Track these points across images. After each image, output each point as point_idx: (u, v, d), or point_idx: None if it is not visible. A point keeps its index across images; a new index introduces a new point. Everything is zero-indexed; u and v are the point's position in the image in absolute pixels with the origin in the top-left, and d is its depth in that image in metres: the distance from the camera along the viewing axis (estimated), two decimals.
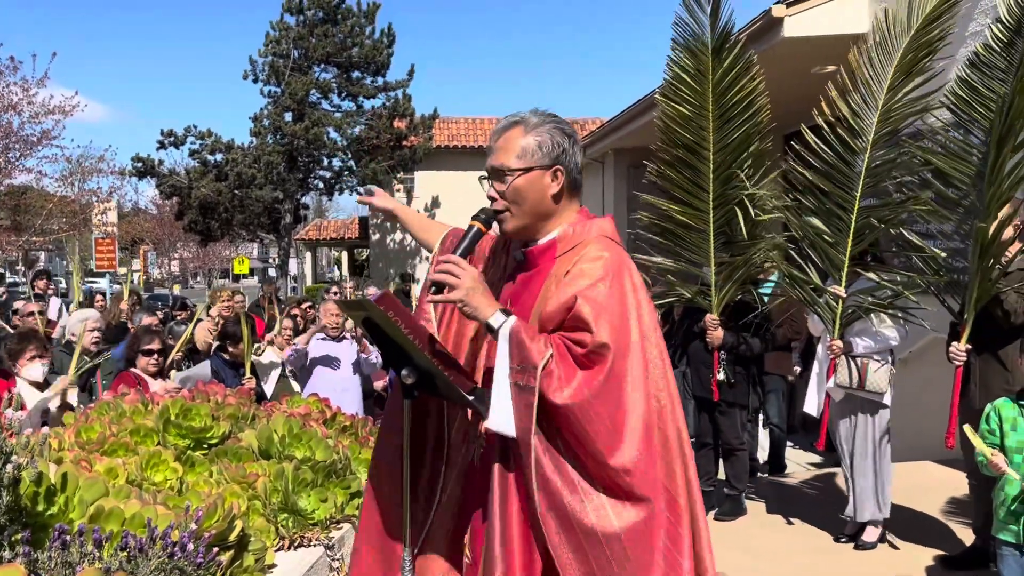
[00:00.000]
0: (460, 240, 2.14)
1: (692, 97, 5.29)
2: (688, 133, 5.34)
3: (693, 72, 5.26)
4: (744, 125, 5.23)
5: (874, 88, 4.88)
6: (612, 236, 2.13)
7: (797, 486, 6.65)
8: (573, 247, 2.09)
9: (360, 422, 3.60)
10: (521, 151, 2.09)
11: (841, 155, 4.99)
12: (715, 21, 5.10)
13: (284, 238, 24.86)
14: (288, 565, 2.52)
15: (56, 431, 2.85)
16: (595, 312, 1.92)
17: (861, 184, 4.91)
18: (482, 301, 1.98)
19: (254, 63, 23.26)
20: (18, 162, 17.85)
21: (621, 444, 1.89)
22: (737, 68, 5.20)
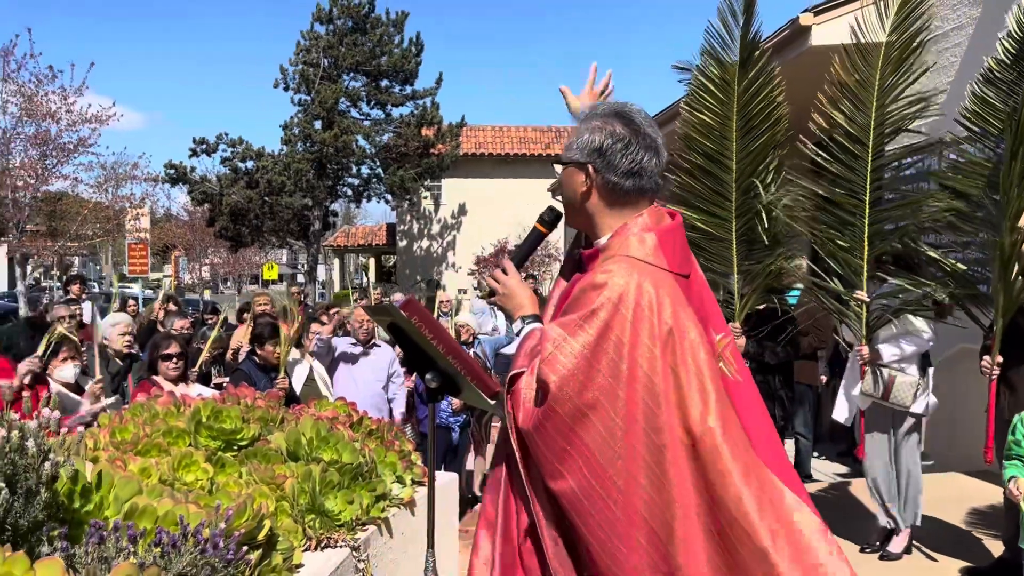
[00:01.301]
0: (522, 242, 2.16)
1: (716, 106, 5.31)
2: (711, 142, 5.36)
3: (719, 81, 5.28)
4: (765, 135, 5.24)
5: (864, 91, 4.90)
6: (646, 257, 1.91)
7: (822, 495, 6.61)
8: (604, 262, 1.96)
9: (385, 426, 3.65)
10: (568, 144, 2.02)
11: (844, 161, 5.00)
12: (746, 31, 5.12)
13: (313, 244, 25.09)
14: (315, 565, 2.56)
15: (91, 431, 2.93)
16: (553, 353, 1.82)
17: (868, 188, 4.92)
18: (514, 304, 2.03)
19: (285, 72, 23.56)
20: (55, 169, 18.17)
21: (562, 479, 1.81)
22: (762, 79, 5.21)
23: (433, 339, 1.97)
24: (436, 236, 28.45)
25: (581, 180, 1.98)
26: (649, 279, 1.86)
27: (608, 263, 1.91)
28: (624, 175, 1.95)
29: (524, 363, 1.90)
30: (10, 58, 17.08)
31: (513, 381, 1.89)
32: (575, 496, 1.79)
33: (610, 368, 1.80)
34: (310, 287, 24.86)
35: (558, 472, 1.80)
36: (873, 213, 4.94)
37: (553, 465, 1.81)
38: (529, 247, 2.14)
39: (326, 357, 6.17)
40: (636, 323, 1.81)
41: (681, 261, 1.99)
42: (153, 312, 8.35)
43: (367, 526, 2.98)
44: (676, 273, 1.94)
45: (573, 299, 1.90)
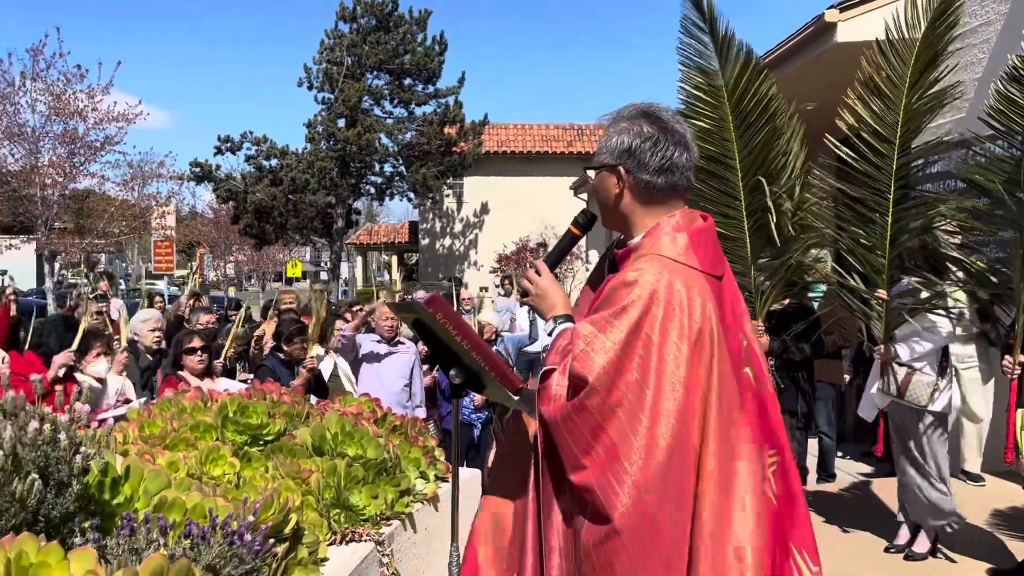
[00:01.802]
0: (556, 244, 2.17)
1: (709, 111, 5.30)
2: (712, 145, 5.35)
3: (706, 87, 5.28)
4: (763, 130, 5.22)
5: (894, 88, 4.86)
6: (677, 256, 1.92)
7: (846, 494, 6.58)
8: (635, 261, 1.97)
9: (409, 422, 3.67)
10: (598, 148, 2.05)
11: (869, 159, 4.97)
12: (715, 34, 5.11)
13: (336, 242, 25.23)
14: (340, 559, 2.59)
15: (120, 425, 2.97)
16: (585, 350, 1.83)
17: (893, 187, 4.88)
18: (547, 305, 2.04)
19: (309, 70, 23.70)
20: (82, 167, 18.40)
21: (584, 471, 1.82)
22: (748, 73, 5.19)
23: (457, 335, 1.98)
24: (458, 234, 28.50)
25: (613, 182, 2.00)
26: (680, 278, 1.86)
27: (639, 262, 1.91)
28: (656, 172, 1.97)
29: (556, 361, 1.90)
30: (39, 57, 17.33)
31: (544, 378, 1.91)
32: (592, 488, 1.80)
33: (639, 366, 1.80)
34: (333, 284, 25.01)
35: (580, 464, 1.82)
36: (896, 211, 4.91)
37: (576, 458, 1.82)
38: (563, 249, 2.16)
39: (350, 353, 6.21)
40: (666, 322, 1.82)
41: (713, 262, 1.98)
42: (180, 308, 8.45)
43: (391, 521, 3.00)
44: (708, 274, 1.94)
45: (604, 297, 1.91)
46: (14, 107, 17.39)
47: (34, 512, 1.79)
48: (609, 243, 2.27)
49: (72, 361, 4.38)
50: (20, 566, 1.43)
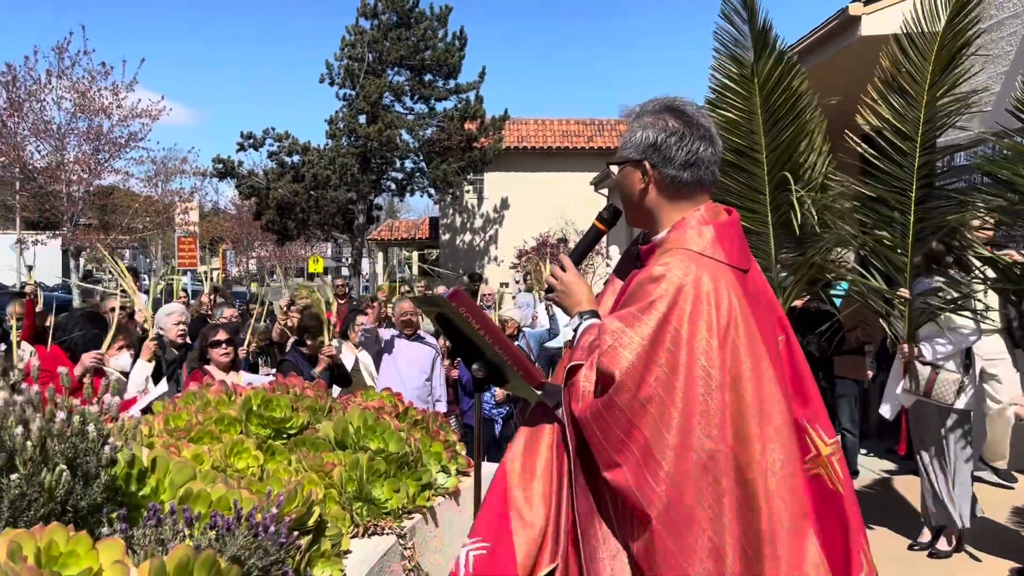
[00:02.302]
0: (580, 240, 2.17)
1: (739, 102, 5.27)
2: (739, 138, 5.32)
3: (738, 78, 5.24)
4: (792, 125, 5.18)
5: (915, 87, 4.80)
6: (704, 250, 1.91)
7: (869, 492, 6.52)
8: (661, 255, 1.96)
9: (431, 416, 3.69)
10: (622, 143, 2.03)
11: (891, 157, 4.92)
12: (754, 26, 5.08)
13: (357, 238, 25.34)
14: (362, 552, 2.60)
15: (147, 418, 3.01)
16: (613, 346, 1.82)
17: (915, 186, 4.83)
18: (572, 301, 2.04)
19: (330, 67, 23.80)
20: (107, 163, 18.58)
21: (618, 468, 1.81)
22: (781, 68, 5.15)
23: (480, 329, 1.98)
24: (478, 230, 28.53)
25: (638, 177, 2.00)
26: (708, 272, 1.85)
27: (666, 256, 1.91)
28: (682, 167, 1.96)
29: (583, 357, 1.90)
30: (64, 55, 17.51)
31: (571, 374, 1.90)
32: (629, 487, 1.79)
33: (668, 360, 1.79)
34: (354, 280, 25.12)
35: (614, 462, 1.81)
36: (919, 210, 4.86)
37: (610, 455, 1.81)
38: (587, 244, 2.15)
39: (372, 347, 6.24)
40: (694, 316, 1.81)
41: (739, 255, 1.97)
42: (202, 306, 8.52)
43: (413, 514, 3.02)
44: (734, 267, 1.93)
45: (631, 293, 1.91)
46: (40, 104, 17.61)
47: (62, 503, 1.81)
48: (631, 239, 2.27)
49: (100, 363, 4.42)
50: (50, 555, 1.45)
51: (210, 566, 1.61)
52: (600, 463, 1.84)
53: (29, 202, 19.21)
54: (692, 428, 1.77)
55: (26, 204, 19.79)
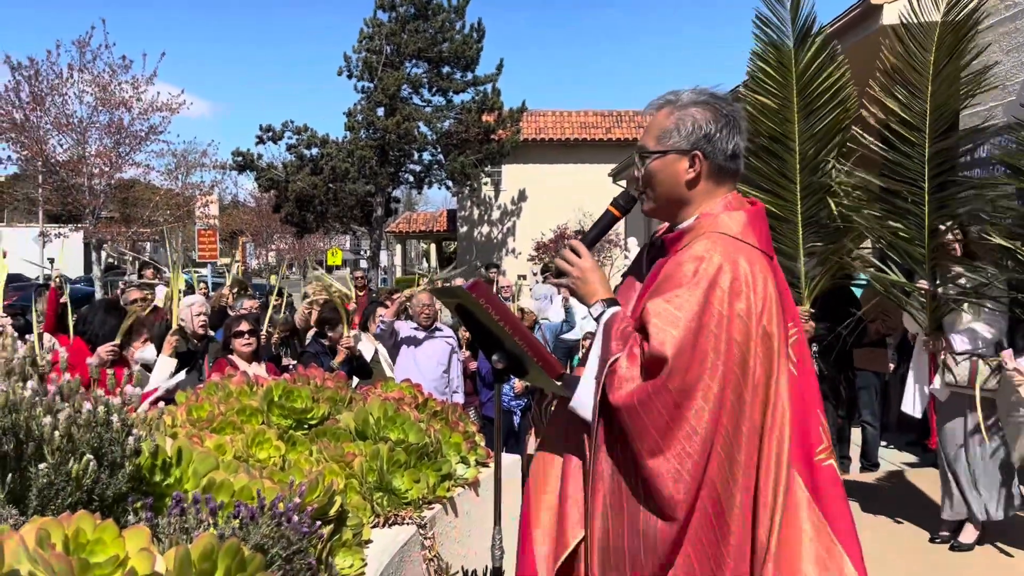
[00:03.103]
0: (593, 224, 2.13)
1: (776, 89, 5.24)
2: (773, 124, 5.29)
3: (776, 64, 5.22)
4: (831, 115, 5.15)
5: (918, 78, 4.76)
6: (738, 234, 1.95)
7: (889, 484, 6.49)
8: (691, 243, 1.98)
9: (450, 408, 3.70)
10: (661, 132, 2.01)
11: (900, 149, 4.87)
12: (796, 13, 5.05)
13: (375, 230, 25.40)
14: (383, 542, 2.62)
15: (169, 409, 3.04)
16: (660, 326, 1.83)
17: (927, 177, 4.78)
18: (589, 289, 2.01)
19: (348, 59, 23.84)
20: (128, 157, 18.72)
21: (661, 455, 1.82)
22: (821, 58, 5.11)
23: (500, 320, 1.99)
24: (496, 222, 28.51)
25: (684, 167, 2.00)
26: (744, 255, 1.89)
27: (702, 239, 1.94)
28: (729, 158, 2.01)
29: (619, 348, 1.88)
30: (86, 49, 17.63)
31: (609, 366, 1.88)
32: (663, 476, 1.81)
33: (712, 343, 1.82)
34: (373, 272, 25.20)
35: (658, 448, 1.81)
36: (934, 201, 4.81)
37: (656, 441, 1.81)
38: (601, 230, 2.13)
39: (389, 340, 6.27)
40: (732, 298, 1.84)
41: (766, 243, 2.02)
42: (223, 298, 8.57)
43: (433, 505, 3.03)
44: (764, 252, 1.97)
45: (667, 276, 1.92)
46: (62, 98, 17.74)
47: (89, 491, 1.84)
48: (649, 231, 2.27)
49: (114, 355, 4.46)
50: (78, 543, 1.47)
51: (234, 554, 1.62)
52: (642, 450, 1.83)
53: (51, 195, 19.41)
54: (727, 412, 1.82)
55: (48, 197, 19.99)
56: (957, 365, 4.80)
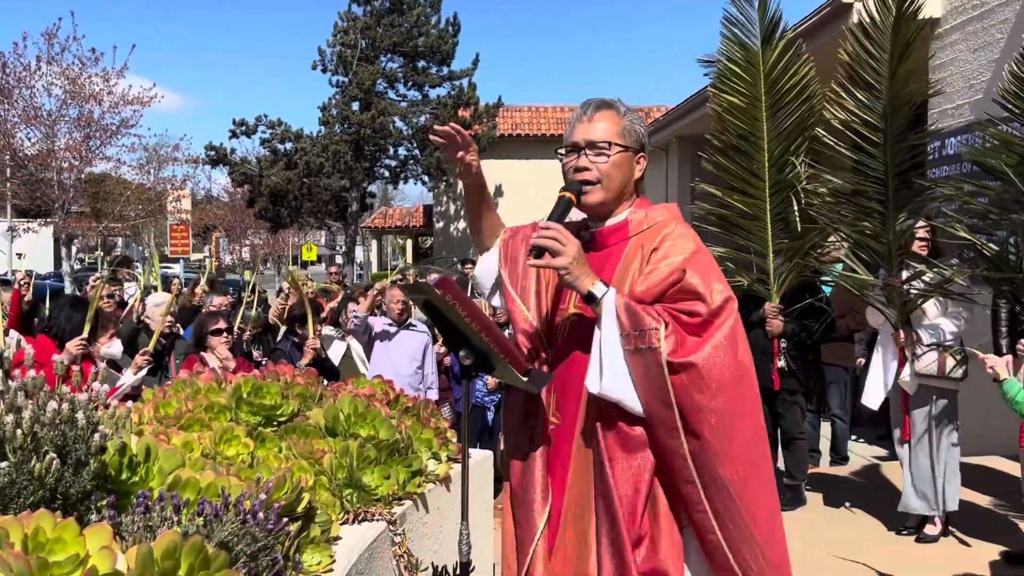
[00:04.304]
0: (552, 210, 2.16)
1: (744, 87, 5.29)
2: (742, 123, 5.34)
3: (743, 63, 5.26)
4: (798, 112, 5.20)
5: (877, 78, 4.82)
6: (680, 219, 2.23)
7: (858, 478, 6.58)
8: (649, 228, 2.17)
9: (422, 404, 3.69)
10: (622, 131, 2.19)
11: (864, 149, 4.94)
12: (763, 12, 5.09)
13: (351, 226, 25.29)
14: (352, 538, 2.62)
15: (136, 406, 3.01)
16: (704, 280, 2.03)
17: (890, 175, 4.84)
18: (584, 270, 2.04)
19: (323, 53, 23.68)
20: (98, 151, 18.49)
21: (741, 387, 2.02)
22: (788, 56, 5.17)
23: (467, 317, 1.99)
24: None
25: (635, 165, 2.24)
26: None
27: (675, 224, 2.17)
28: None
29: (656, 317, 2.01)
30: (54, 41, 17.39)
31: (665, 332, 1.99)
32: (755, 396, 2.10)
33: (736, 322, 2.08)
34: (348, 268, 25.09)
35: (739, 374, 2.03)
36: (898, 199, 4.88)
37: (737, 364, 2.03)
38: (559, 217, 2.14)
39: (363, 335, 6.25)
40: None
41: None
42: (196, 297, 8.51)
43: (403, 501, 3.03)
44: None
45: (662, 255, 2.10)
46: (30, 91, 17.50)
47: (52, 490, 1.82)
48: None
49: (84, 349, 4.42)
50: (37, 541, 1.46)
51: (197, 552, 1.62)
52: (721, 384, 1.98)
53: (20, 189, 19.11)
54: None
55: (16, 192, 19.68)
56: (920, 357, 4.87)
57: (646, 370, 1.97)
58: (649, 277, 2.08)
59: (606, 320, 2.02)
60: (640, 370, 1.98)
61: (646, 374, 1.98)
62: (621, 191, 2.21)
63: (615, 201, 2.21)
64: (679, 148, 15.80)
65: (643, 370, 1.98)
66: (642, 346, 1.97)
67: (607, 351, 2.02)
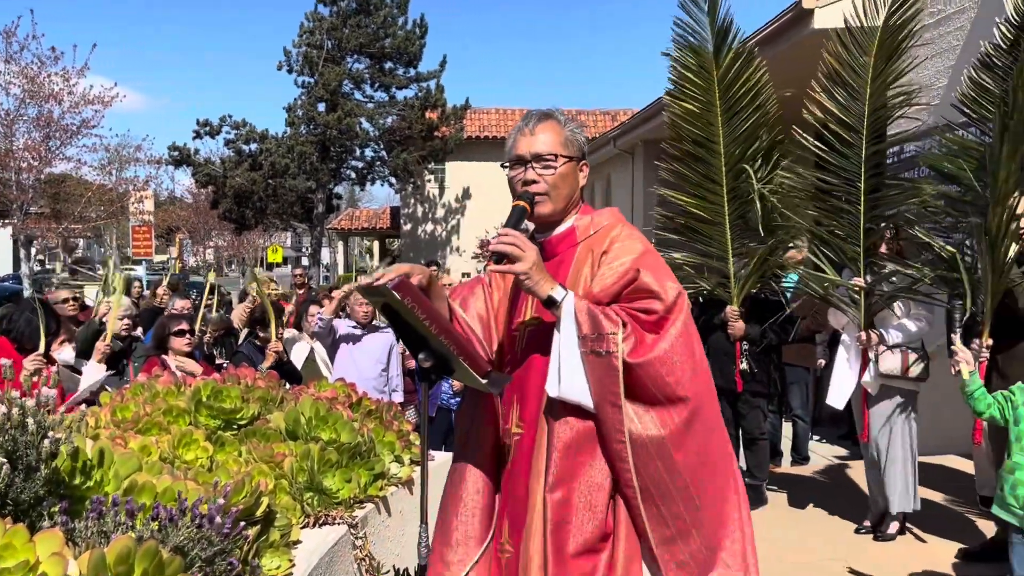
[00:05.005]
0: (507, 219, 2.18)
1: (698, 93, 5.34)
2: (697, 129, 5.39)
3: (696, 69, 5.32)
4: (752, 118, 5.26)
5: (858, 80, 4.90)
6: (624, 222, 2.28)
7: (819, 477, 6.66)
8: (596, 232, 2.22)
9: (384, 407, 3.69)
10: (565, 141, 2.23)
11: (839, 150, 5.01)
12: (713, 18, 5.15)
13: (317, 227, 25.12)
14: (313, 542, 2.61)
15: (93, 410, 2.97)
16: (658, 278, 2.08)
17: (864, 177, 4.92)
18: (544, 276, 2.06)
19: (288, 54, 23.51)
20: (58, 151, 18.20)
21: (689, 382, 2.04)
22: (740, 62, 5.23)
23: (426, 320, 1.99)
24: (440, 220, 28.42)
25: (580, 174, 2.27)
26: None
27: (621, 227, 2.23)
28: None
29: (615, 320, 2.04)
30: (12, 39, 17.09)
31: (623, 335, 2.02)
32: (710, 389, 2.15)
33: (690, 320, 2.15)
34: (314, 270, 24.92)
35: (693, 369, 2.07)
36: (870, 200, 4.95)
37: (695, 365, 2.08)
38: (517, 222, 2.15)
39: (327, 338, 6.21)
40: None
41: None
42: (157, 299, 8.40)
43: (365, 504, 3.03)
44: None
45: (613, 257, 2.14)
46: None
47: (2, 496, 1.80)
48: None
49: (41, 364, 4.37)
50: None
51: (151, 557, 1.61)
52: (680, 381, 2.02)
53: None
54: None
55: None
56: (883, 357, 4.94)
57: (599, 372, 2.01)
58: (604, 279, 2.11)
59: (565, 323, 2.05)
60: (593, 372, 2.01)
61: (598, 376, 2.01)
62: (568, 200, 2.24)
63: (564, 211, 2.25)
64: (644, 152, 15.90)
65: (596, 372, 2.01)
66: (599, 349, 2.01)
67: (566, 354, 2.04)
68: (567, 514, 2.04)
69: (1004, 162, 4.10)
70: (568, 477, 2.05)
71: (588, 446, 2.06)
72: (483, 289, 2.38)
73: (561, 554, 2.03)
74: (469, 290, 2.40)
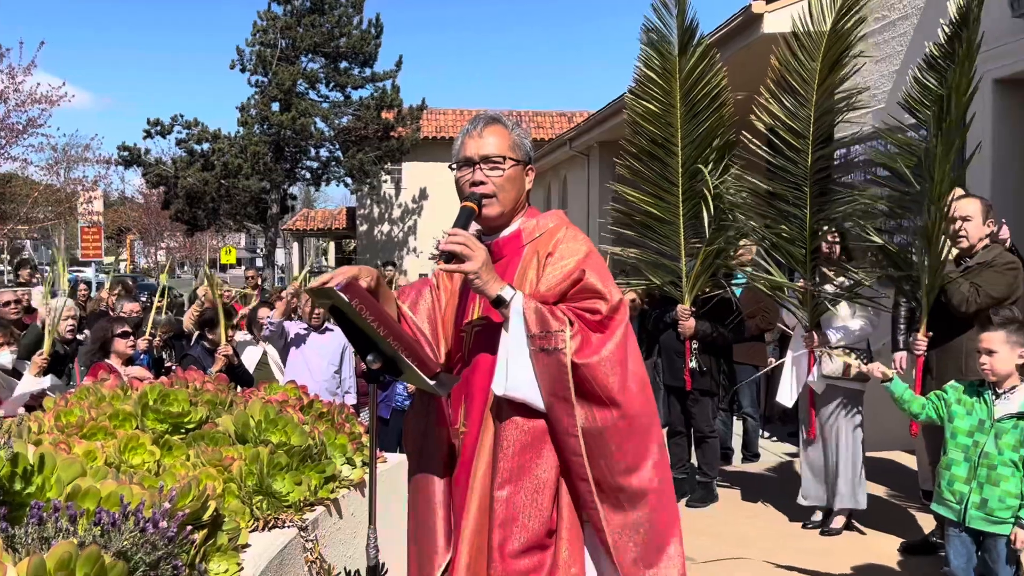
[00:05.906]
0: (456, 220, 2.19)
1: (660, 95, 5.41)
2: (657, 129, 5.46)
3: (660, 71, 5.38)
4: (709, 120, 5.35)
5: (804, 86, 5.00)
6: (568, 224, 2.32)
7: (769, 475, 6.78)
8: (541, 235, 2.25)
9: (336, 409, 3.68)
10: (513, 145, 2.26)
11: (786, 155, 5.10)
12: (681, 22, 5.22)
13: (271, 228, 24.87)
14: (262, 545, 2.59)
15: (36, 415, 2.92)
16: (602, 279, 2.13)
17: (810, 181, 5.02)
18: (493, 275, 2.09)
19: (241, 52, 23.24)
20: (3, 150, 17.79)
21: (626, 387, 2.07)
22: (702, 66, 5.31)
23: (374, 322, 2.00)
24: (397, 220, 28.31)
25: (527, 177, 2.31)
26: None
27: (566, 229, 2.27)
28: None
29: (563, 320, 2.08)
30: None
31: (571, 334, 2.06)
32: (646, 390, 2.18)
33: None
34: (268, 271, 24.65)
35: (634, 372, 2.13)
36: (815, 204, 5.05)
37: (634, 368, 2.13)
38: (465, 223, 2.17)
39: (279, 341, 6.16)
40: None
41: None
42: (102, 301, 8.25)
43: (316, 507, 3.02)
44: None
45: (557, 258, 2.18)
46: None
47: None
48: None
49: None
50: None
51: (94, 562, 1.59)
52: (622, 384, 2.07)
53: None
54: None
55: None
56: (832, 361, 5.04)
57: (549, 369, 2.04)
58: (550, 278, 2.15)
59: (514, 321, 2.07)
60: (543, 369, 2.05)
61: (549, 373, 2.04)
62: (515, 203, 2.27)
63: (511, 213, 2.27)
64: (600, 153, 16.01)
65: (546, 369, 2.05)
66: (547, 346, 2.04)
67: (514, 352, 2.07)
68: (513, 512, 2.07)
69: (939, 161, 4.22)
70: (515, 476, 2.08)
71: (535, 445, 2.09)
72: (431, 290, 2.40)
73: (505, 551, 2.05)
74: (417, 291, 2.42)
